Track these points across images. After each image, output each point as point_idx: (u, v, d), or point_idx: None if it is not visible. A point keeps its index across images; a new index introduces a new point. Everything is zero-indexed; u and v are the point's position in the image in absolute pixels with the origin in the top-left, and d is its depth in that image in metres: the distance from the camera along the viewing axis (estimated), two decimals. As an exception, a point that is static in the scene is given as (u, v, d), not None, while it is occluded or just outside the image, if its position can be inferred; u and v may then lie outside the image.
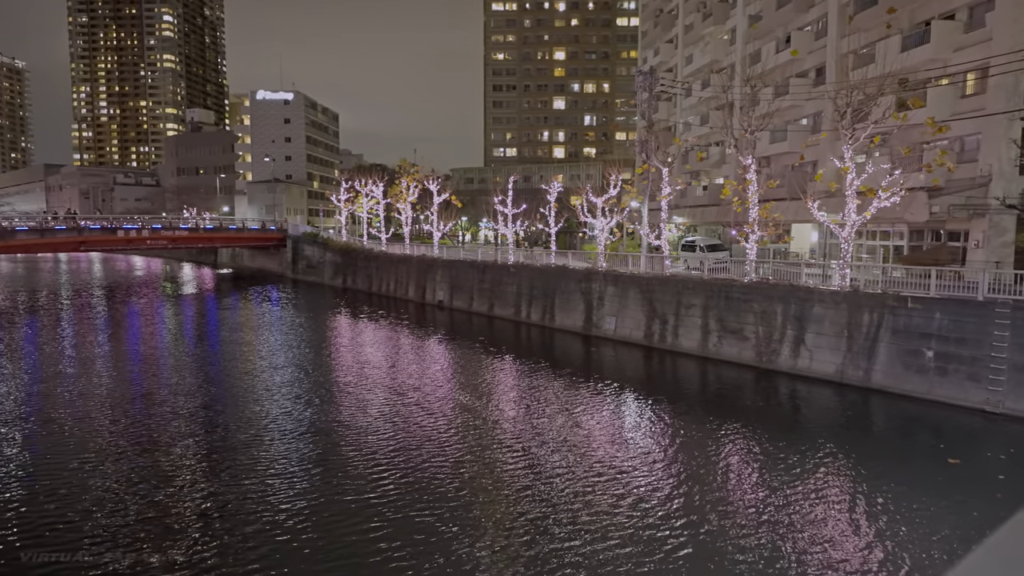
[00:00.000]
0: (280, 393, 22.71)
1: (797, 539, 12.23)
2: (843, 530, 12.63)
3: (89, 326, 38.28)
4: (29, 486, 14.50)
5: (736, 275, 28.63)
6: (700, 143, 51.35)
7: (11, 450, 16.76)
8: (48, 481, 14.77)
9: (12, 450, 16.76)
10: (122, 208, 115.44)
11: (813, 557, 11.59)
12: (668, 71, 58.79)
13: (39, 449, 16.87)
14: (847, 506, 13.80)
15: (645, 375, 27.22)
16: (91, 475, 15.14)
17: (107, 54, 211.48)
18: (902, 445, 18.29)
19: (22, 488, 14.40)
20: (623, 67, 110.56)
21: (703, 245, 36.31)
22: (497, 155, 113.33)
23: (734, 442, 17.86)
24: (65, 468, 15.53)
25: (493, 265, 42.20)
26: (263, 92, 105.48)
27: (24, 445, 17.17)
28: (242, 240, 72.53)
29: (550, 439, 17.78)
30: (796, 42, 39.66)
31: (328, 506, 13.53)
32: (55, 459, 16.12)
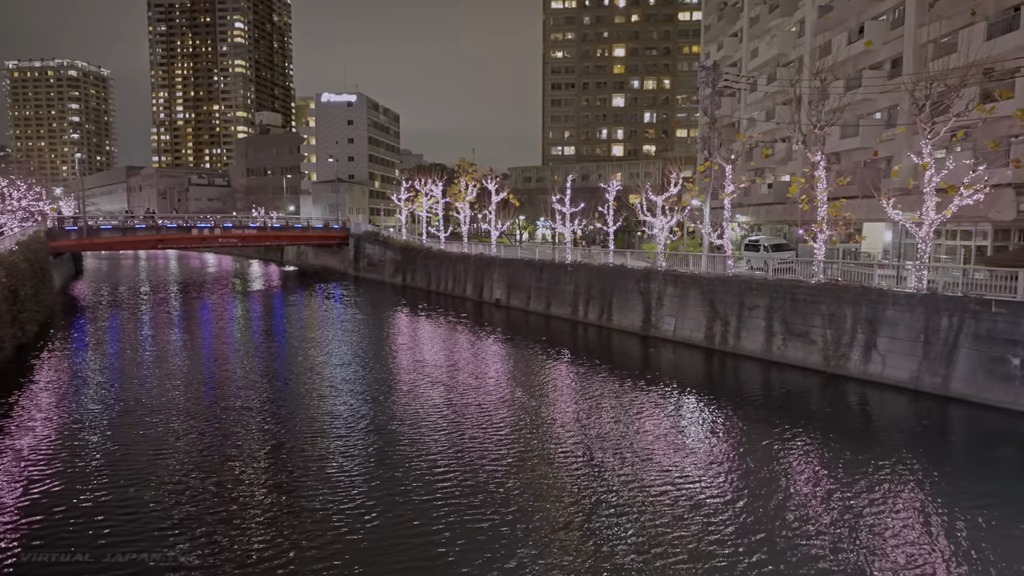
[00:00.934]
0: (342, 389, 23.31)
1: (868, 557, 11.67)
2: (918, 549, 11.98)
3: (166, 320, 40.33)
4: (106, 472, 15.37)
5: (803, 276, 27.60)
6: (765, 139, 49.75)
7: (92, 437, 17.81)
8: (124, 468, 15.62)
9: (93, 437, 17.81)
10: (196, 208, 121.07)
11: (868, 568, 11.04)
12: (732, 66, 57.21)
13: (117, 437, 17.86)
14: (922, 523, 13.07)
15: (706, 377, 26.59)
16: (162, 466, 15.91)
17: (183, 61, 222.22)
18: (984, 458, 17.22)
19: (99, 475, 15.28)
20: (684, 63, 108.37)
21: (767, 245, 35.17)
22: (555, 153, 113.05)
23: (801, 450, 17.21)
24: (139, 457, 16.39)
25: (550, 264, 42.10)
26: (327, 94, 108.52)
27: (103, 433, 18.21)
28: (307, 238, 74.87)
29: (608, 442, 17.59)
30: (870, 32, 37.87)
31: (386, 503, 13.74)
32: (130, 446, 17.04)
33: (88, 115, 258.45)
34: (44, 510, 13.23)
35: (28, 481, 14.66)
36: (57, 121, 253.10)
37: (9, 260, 29.73)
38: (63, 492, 14.10)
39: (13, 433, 18.01)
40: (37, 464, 15.68)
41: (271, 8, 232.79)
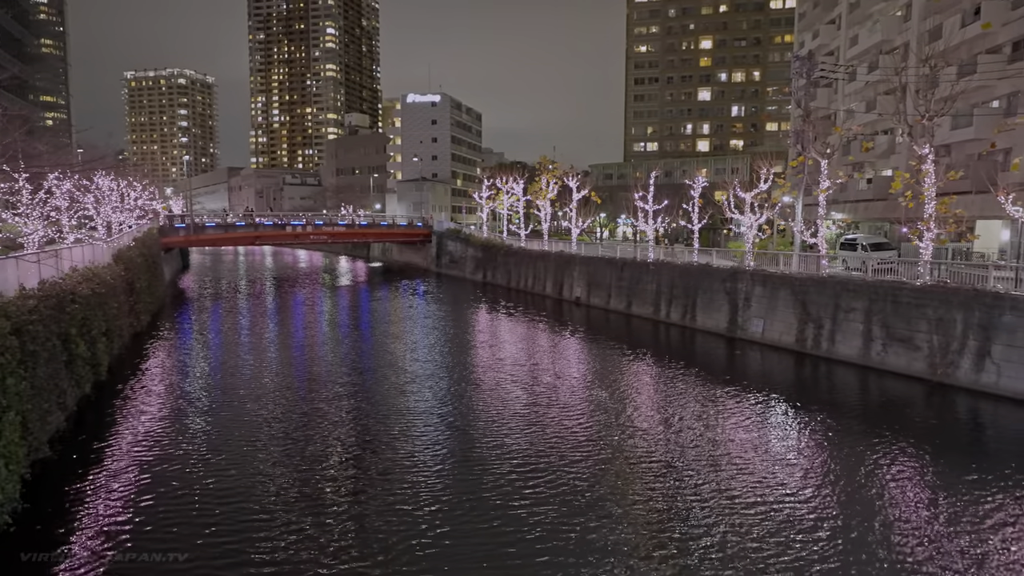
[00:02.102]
0: (424, 384, 23.85)
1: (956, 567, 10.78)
2: None
3: (262, 311, 42.68)
4: (204, 458, 16.41)
5: (906, 277, 25.81)
6: (865, 132, 46.86)
7: (194, 422, 19.08)
8: (220, 453, 16.63)
9: (195, 422, 19.08)
10: (289, 206, 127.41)
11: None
12: (828, 55, 54.25)
13: (216, 422, 19.05)
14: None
15: (797, 383, 25.37)
16: (253, 453, 16.81)
17: (279, 67, 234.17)
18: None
19: (198, 460, 16.33)
20: (776, 53, 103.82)
21: (866, 243, 33.09)
22: (637, 150, 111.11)
23: (903, 465, 16.10)
24: (234, 442, 17.41)
25: (632, 262, 41.42)
26: (412, 95, 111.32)
27: (204, 419, 19.47)
28: (392, 235, 77.17)
29: (692, 447, 17.11)
30: (987, 13, 34.87)
31: (466, 502, 13.82)
32: (227, 431, 18.13)
33: (195, 120, 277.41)
34: (149, 491, 14.31)
35: (138, 463, 15.89)
36: (168, 126, 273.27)
37: (127, 255, 32.32)
38: (165, 474, 15.19)
39: (128, 414, 19.58)
40: (146, 445, 16.98)
41: (360, 13, 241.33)
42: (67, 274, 21.04)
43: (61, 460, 15.38)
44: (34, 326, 15.09)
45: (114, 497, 13.74)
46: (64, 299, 18.48)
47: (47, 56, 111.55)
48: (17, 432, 12.73)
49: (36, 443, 14.29)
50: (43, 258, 19.04)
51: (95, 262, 26.21)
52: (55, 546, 11.65)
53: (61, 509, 13.08)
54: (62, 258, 21.69)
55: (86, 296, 20.44)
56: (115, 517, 12.84)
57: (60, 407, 16.93)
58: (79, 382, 19.13)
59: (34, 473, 13.67)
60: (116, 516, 12.88)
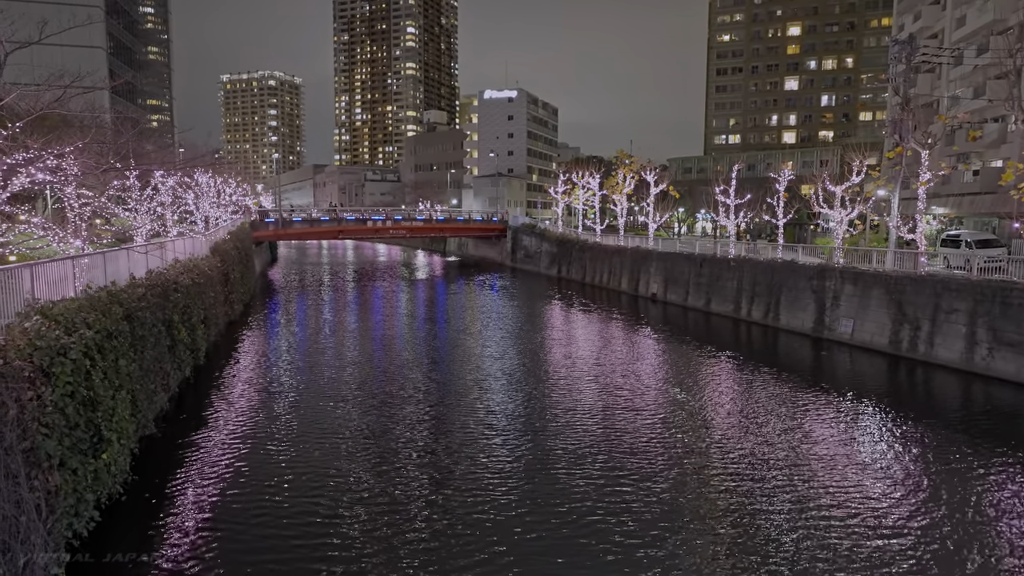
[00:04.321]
0: (498, 380, 24.08)
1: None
2: None
3: (344, 303, 44.34)
4: (286, 449, 17.22)
5: (1018, 276, 23.82)
6: (973, 120, 43.50)
7: (280, 409, 20.06)
8: (302, 443, 17.39)
9: (280, 409, 20.05)
10: (370, 201, 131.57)
11: None
12: (932, 37, 50.66)
13: (299, 412, 19.95)
14: None
15: (891, 387, 23.93)
16: (330, 445, 17.47)
17: (362, 67, 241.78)
18: None
19: (281, 450, 17.15)
20: (871, 37, 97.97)
21: (971, 240, 30.76)
22: (718, 143, 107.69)
23: (1005, 478, 14.91)
24: (314, 433, 18.16)
25: (711, 258, 40.25)
26: (489, 91, 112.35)
27: (290, 408, 20.43)
28: (468, 230, 78.31)
29: (776, 452, 16.47)
30: (1120, -13, 31.57)
31: (537, 500, 13.73)
32: (308, 422, 18.94)
33: (283, 119, 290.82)
34: (240, 473, 15.18)
35: (231, 444, 16.89)
36: (259, 125, 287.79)
37: (223, 248, 34.34)
38: (254, 456, 16.06)
39: (223, 398, 20.85)
40: (238, 428, 18.02)
41: (439, 11, 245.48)
42: (170, 265, 22.59)
43: (165, 437, 16.55)
44: (142, 312, 16.30)
45: (210, 476, 14.66)
46: (168, 288, 19.86)
47: (153, 63, 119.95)
48: (128, 410, 13.80)
49: (144, 421, 15.44)
50: (150, 250, 20.50)
51: (195, 254, 28.00)
52: (159, 520, 12.57)
53: (164, 483, 14.09)
54: (166, 250, 23.29)
55: (187, 286, 21.88)
56: (210, 495, 13.70)
57: (164, 388, 18.22)
58: (181, 366, 20.52)
59: (142, 448, 14.79)
60: (210, 495, 13.74)
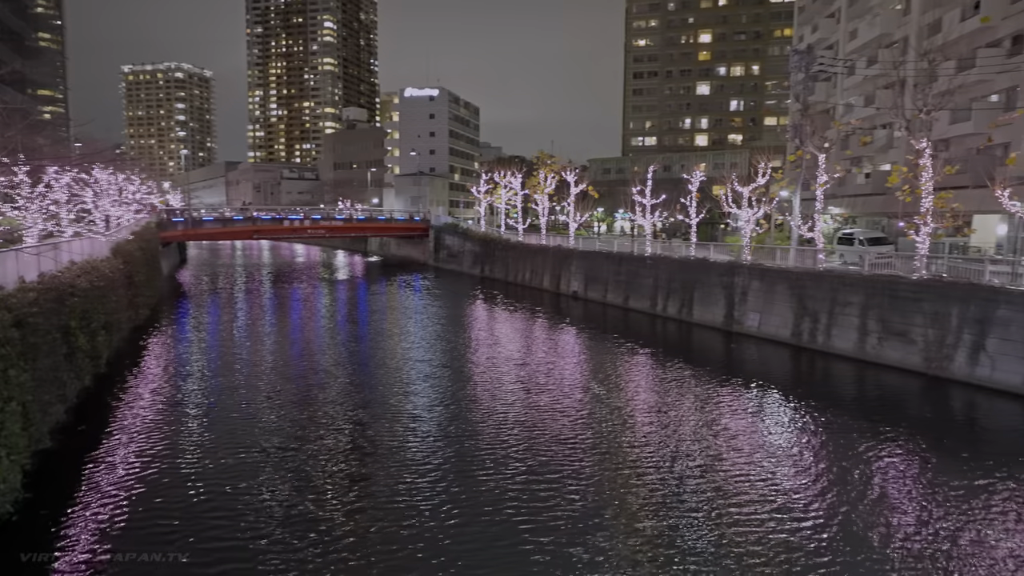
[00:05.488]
0: (421, 379, 23.95)
1: (956, 569, 10.92)
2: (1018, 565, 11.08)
3: (259, 305, 42.74)
4: (199, 453, 16.50)
5: (903, 271, 25.93)
6: (864, 126, 46.90)
7: (191, 416, 19.17)
8: (214, 449, 16.72)
9: (191, 416, 19.17)
10: (287, 200, 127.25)
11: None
12: (828, 49, 54.23)
13: (212, 417, 19.14)
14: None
15: (793, 376, 25.52)
16: (248, 448, 16.89)
17: (277, 60, 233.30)
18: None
19: (192, 454, 16.42)
20: (775, 47, 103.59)
21: (863, 238, 33.21)
22: (636, 144, 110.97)
23: (895, 456, 16.24)
24: (229, 437, 17.49)
25: (629, 256, 41.52)
26: (410, 89, 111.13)
27: (200, 414, 19.55)
28: (390, 230, 77.24)
29: (688, 441, 17.24)
30: (987, 7, 34.91)
31: (460, 494, 13.90)
32: (222, 427, 18.21)
33: (192, 114, 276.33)
34: (146, 485, 14.41)
35: (136, 455, 15.99)
36: (165, 120, 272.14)
37: (126, 249, 32.34)
38: (163, 467, 15.28)
39: (127, 407, 19.67)
40: (144, 438, 17.07)
41: (358, 7, 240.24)
42: (66, 267, 21.08)
43: (62, 451, 15.45)
44: (35, 319, 15.15)
45: (112, 489, 13.83)
46: (64, 292, 18.54)
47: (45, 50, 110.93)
48: (19, 423, 12.80)
49: (37, 434, 14.37)
50: (42, 251, 19.07)
51: (94, 256, 26.24)
52: (55, 539, 11.74)
53: (62, 499, 13.16)
54: (61, 251, 21.72)
55: (85, 289, 20.49)
56: (113, 509, 12.92)
57: (61, 399, 17.01)
58: (79, 374, 19.21)
59: (36, 463, 13.76)
60: (114, 508, 12.96)
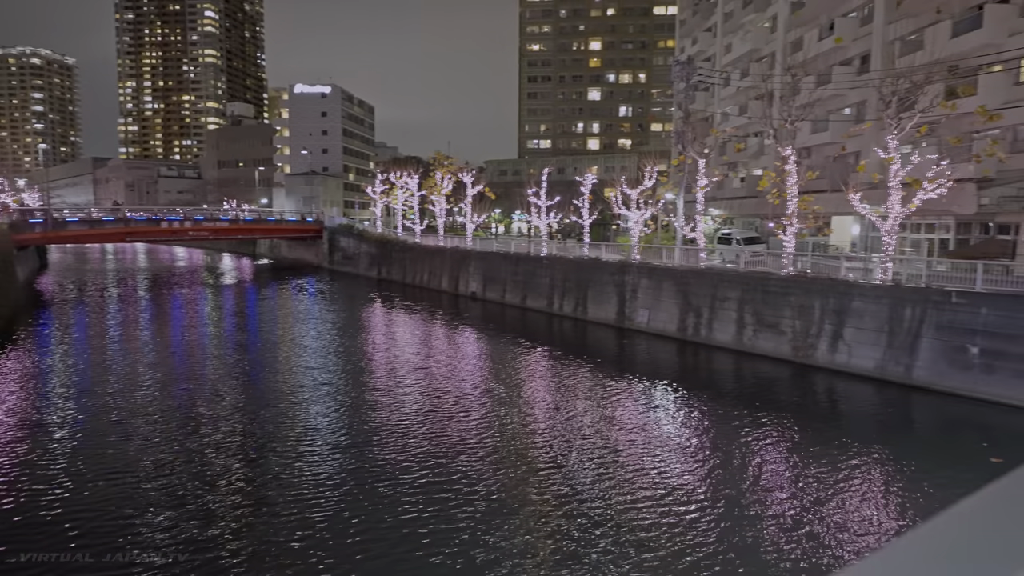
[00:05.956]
0: (315, 384, 23.17)
1: (826, 533, 12.02)
2: (876, 526, 12.36)
3: (134, 314, 39.59)
4: (66, 473, 15.13)
5: (773, 268, 28.09)
6: (738, 134, 50.36)
7: (55, 436, 17.49)
8: (85, 469, 15.38)
9: (56, 436, 17.50)
10: (165, 200, 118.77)
11: (839, 549, 11.39)
12: (706, 60, 57.76)
13: (81, 437, 17.56)
14: (882, 503, 13.49)
15: (679, 368, 26.97)
16: (124, 467, 15.70)
17: (152, 50, 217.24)
18: (944, 444, 17.78)
19: (59, 475, 15.03)
20: (660, 57, 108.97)
21: (739, 238, 35.70)
22: (532, 147, 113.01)
23: (770, 437, 17.59)
24: (101, 458, 16.15)
25: (526, 257, 42.22)
26: (301, 86, 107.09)
27: (66, 433, 17.89)
28: (280, 231, 73.99)
29: (583, 434, 17.79)
30: (840, 29, 38.51)
31: (359, 502, 13.69)
32: (93, 447, 16.77)
33: (52, 104, 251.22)
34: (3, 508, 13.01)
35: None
36: (20, 110, 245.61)
37: (-30, 252, 28.93)
38: (25, 490, 13.85)
39: (-24, 429, 17.61)
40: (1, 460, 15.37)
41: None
42: None
43: None
44: None
45: (-42, 520, 12.35)
46: None
47: None
48: None
49: None
50: None
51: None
52: None
53: None
54: None
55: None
56: (-40, 542, 11.56)
57: None
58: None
59: None
60: (-39, 541, 11.60)
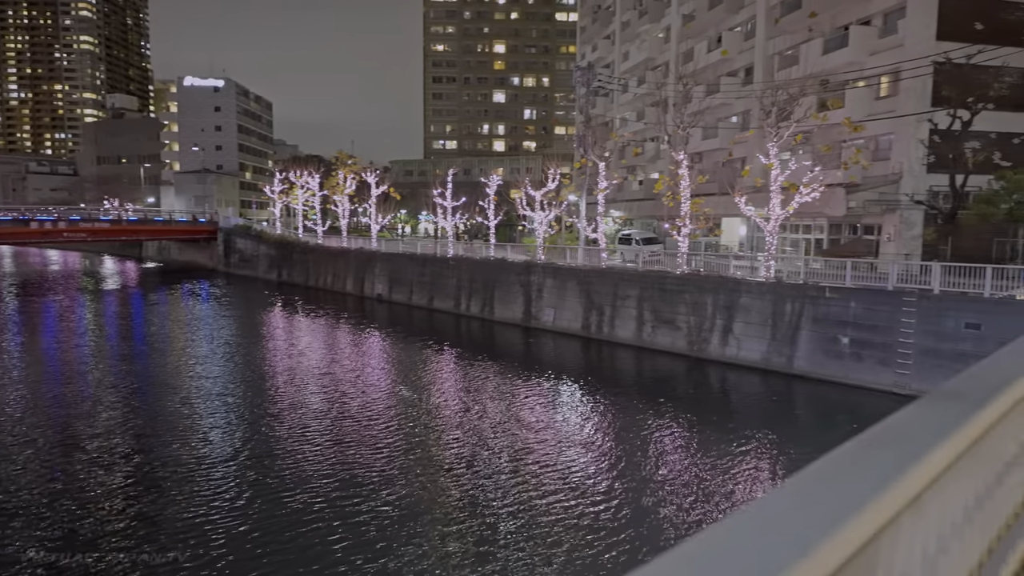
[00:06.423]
0: (211, 400, 22.03)
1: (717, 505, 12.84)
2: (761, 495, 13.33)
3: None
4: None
5: (669, 267, 29.54)
6: (636, 139, 52.49)
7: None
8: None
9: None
10: (36, 198, 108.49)
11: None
12: (606, 67, 59.75)
13: (-55, 453, 15.85)
14: (767, 478, 14.57)
15: (583, 365, 27.79)
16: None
17: (18, 33, 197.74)
18: (819, 426, 19.40)
19: (-74, 495, 13.54)
20: (563, 62, 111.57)
21: (639, 238, 37.27)
22: (437, 147, 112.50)
23: (668, 428, 18.52)
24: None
25: (433, 258, 42.02)
26: (191, 78, 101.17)
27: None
28: (169, 232, 69.59)
29: (491, 433, 17.98)
30: (727, 42, 41.05)
31: (264, 511, 13.21)
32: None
33: None
34: None
35: None
36: None
37: None
38: None
39: None
40: None
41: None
42: None
43: None
44: None
45: None
46: None
47: None
48: None
49: None
50: None
51: None
52: None
53: None
54: None
55: None
56: None
57: None
58: None
59: None
60: None
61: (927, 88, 28.01)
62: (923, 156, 28.57)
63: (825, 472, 1.02)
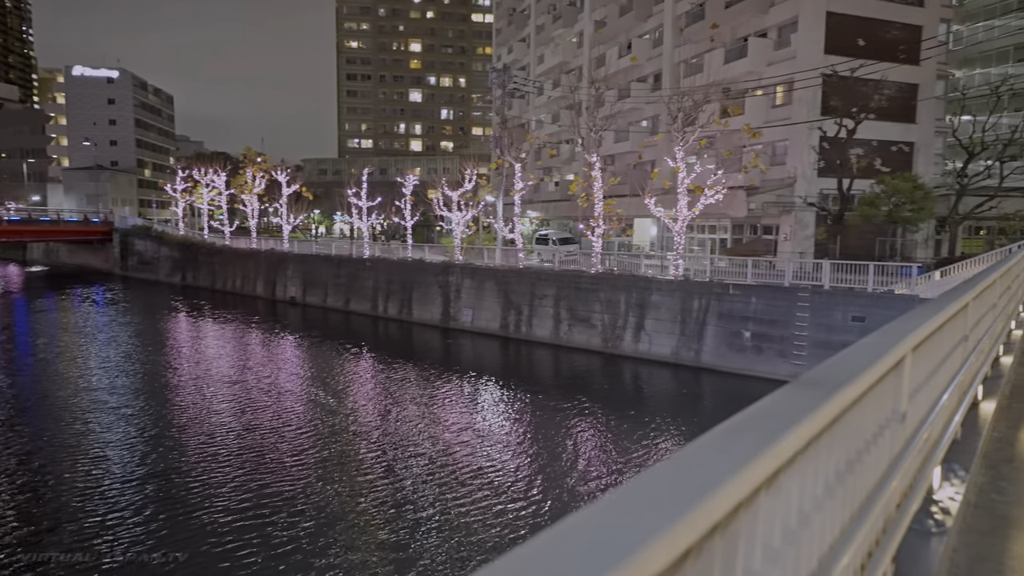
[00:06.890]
0: (104, 407, 20.60)
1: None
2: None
3: None
4: None
5: (584, 267, 30.26)
6: (552, 141, 53.41)
7: None
8: None
9: None
10: None
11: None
12: (521, 69, 60.42)
13: None
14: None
15: (502, 364, 28.01)
16: None
17: None
18: (722, 413, 20.36)
19: None
20: (479, 63, 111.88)
21: (555, 239, 37.96)
22: (352, 146, 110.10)
23: (584, 422, 18.98)
24: None
25: (348, 259, 41.09)
26: (81, 68, 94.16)
27: None
28: (58, 234, 64.51)
29: (411, 435, 17.82)
30: (636, 49, 42.49)
31: (164, 533, 12.52)
32: None
33: None
34: None
35: None
36: None
37: None
38: None
39: None
40: None
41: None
42: None
43: None
44: None
45: None
46: None
47: None
48: None
49: None
50: None
51: None
52: None
53: None
54: None
55: None
56: None
57: None
58: None
59: None
60: None
61: (817, 98, 30.13)
62: (814, 161, 30.70)
63: (689, 457, 1.10)
